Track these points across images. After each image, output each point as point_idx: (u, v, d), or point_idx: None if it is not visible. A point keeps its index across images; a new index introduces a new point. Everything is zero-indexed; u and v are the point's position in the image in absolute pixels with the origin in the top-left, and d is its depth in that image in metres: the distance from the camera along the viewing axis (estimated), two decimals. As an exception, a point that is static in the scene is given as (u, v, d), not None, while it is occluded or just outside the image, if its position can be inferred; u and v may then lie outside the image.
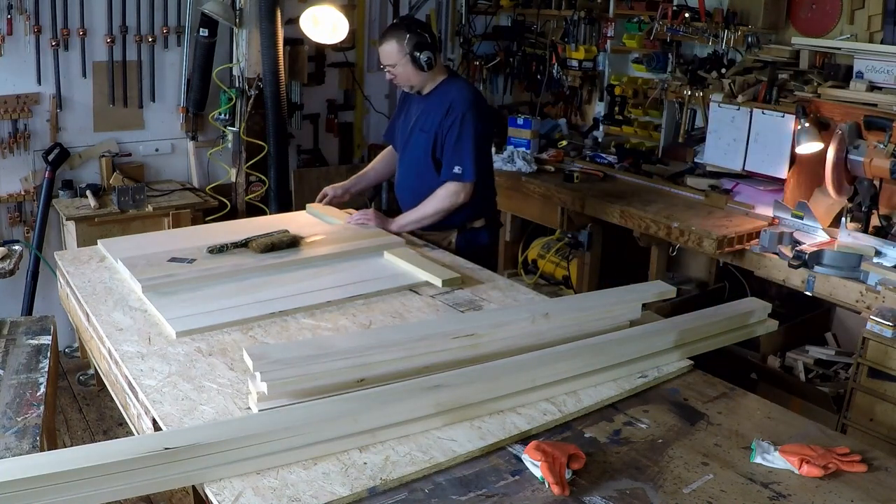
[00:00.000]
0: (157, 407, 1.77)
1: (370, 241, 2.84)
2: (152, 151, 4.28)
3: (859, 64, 3.27)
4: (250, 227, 2.93)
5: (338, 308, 2.35)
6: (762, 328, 2.28)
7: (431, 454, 1.62)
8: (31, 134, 3.87)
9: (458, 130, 2.87)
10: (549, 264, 4.49)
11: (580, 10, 4.71)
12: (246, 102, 4.16)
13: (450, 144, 2.89)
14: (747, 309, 2.25)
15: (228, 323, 2.20)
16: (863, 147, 3.17)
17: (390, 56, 2.87)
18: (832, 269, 3.01)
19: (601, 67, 4.76)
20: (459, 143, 2.88)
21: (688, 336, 2.08)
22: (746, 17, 3.80)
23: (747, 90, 3.62)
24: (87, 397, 3.76)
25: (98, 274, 2.60)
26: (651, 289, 2.29)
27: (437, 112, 2.91)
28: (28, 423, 1.79)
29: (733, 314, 2.22)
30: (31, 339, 2.22)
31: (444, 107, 2.90)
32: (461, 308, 2.37)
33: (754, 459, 1.64)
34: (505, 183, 4.45)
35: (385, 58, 2.89)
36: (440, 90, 2.95)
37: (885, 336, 2.74)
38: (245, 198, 4.31)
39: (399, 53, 2.85)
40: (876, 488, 1.56)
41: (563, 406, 1.83)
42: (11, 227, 3.94)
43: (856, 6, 3.52)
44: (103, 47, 3.96)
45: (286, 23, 4.26)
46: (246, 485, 1.50)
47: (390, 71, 2.91)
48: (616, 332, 2.08)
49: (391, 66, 2.89)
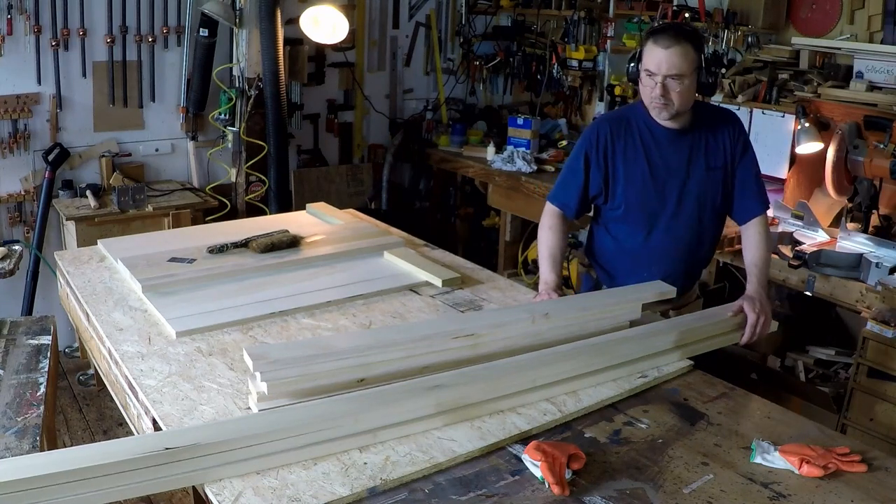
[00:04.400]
0: (157, 407, 1.77)
1: (370, 241, 2.84)
2: (152, 151, 4.27)
3: (859, 64, 3.27)
4: (250, 227, 2.93)
5: (338, 308, 2.35)
6: None
7: (431, 454, 1.62)
8: (31, 134, 3.87)
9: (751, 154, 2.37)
10: (549, 264, 4.48)
11: (580, 10, 4.71)
12: (246, 102, 4.16)
13: (750, 174, 2.36)
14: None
15: (228, 323, 2.20)
16: (863, 147, 3.17)
17: (684, 63, 2.15)
18: (832, 269, 3.01)
19: (601, 67, 4.76)
20: (755, 166, 2.38)
21: (688, 336, 2.08)
22: (746, 17, 3.79)
23: (747, 90, 3.62)
24: (87, 397, 3.76)
25: (98, 274, 2.60)
26: (651, 289, 2.27)
27: (719, 143, 2.34)
28: (28, 423, 1.79)
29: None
30: (31, 339, 2.21)
31: (725, 135, 2.34)
32: (461, 308, 2.37)
33: (754, 459, 1.64)
34: (505, 183, 4.47)
35: (676, 65, 2.15)
36: (704, 117, 2.35)
37: (885, 336, 2.74)
38: (245, 198, 4.31)
39: (695, 64, 2.19)
40: (876, 488, 1.56)
41: (563, 406, 1.83)
42: (11, 227, 3.94)
43: (856, 6, 3.52)
44: (103, 47, 3.96)
45: (286, 23, 4.26)
46: (246, 485, 1.50)
47: (673, 83, 2.17)
48: (616, 332, 2.08)
49: (679, 77, 2.16)
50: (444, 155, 4.95)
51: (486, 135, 5.03)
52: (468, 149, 4.87)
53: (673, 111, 2.23)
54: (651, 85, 2.20)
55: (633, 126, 2.34)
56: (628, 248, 2.40)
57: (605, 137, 2.35)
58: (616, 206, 2.40)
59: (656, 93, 2.19)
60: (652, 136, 2.32)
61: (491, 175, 4.56)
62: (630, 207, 2.38)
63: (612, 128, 2.36)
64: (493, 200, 4.70)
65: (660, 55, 2.16)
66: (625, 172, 2.35)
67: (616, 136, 2.35)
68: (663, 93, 2.18)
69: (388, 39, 5.16)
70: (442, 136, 5.08)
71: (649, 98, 2.24)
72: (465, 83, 5.47)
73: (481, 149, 4.76)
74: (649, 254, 2.39)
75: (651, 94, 2.21)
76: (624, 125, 2.35)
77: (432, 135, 5.15)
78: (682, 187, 2.33)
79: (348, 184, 4.94)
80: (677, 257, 2.40)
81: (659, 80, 2.17)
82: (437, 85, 5.42)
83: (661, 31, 2.21)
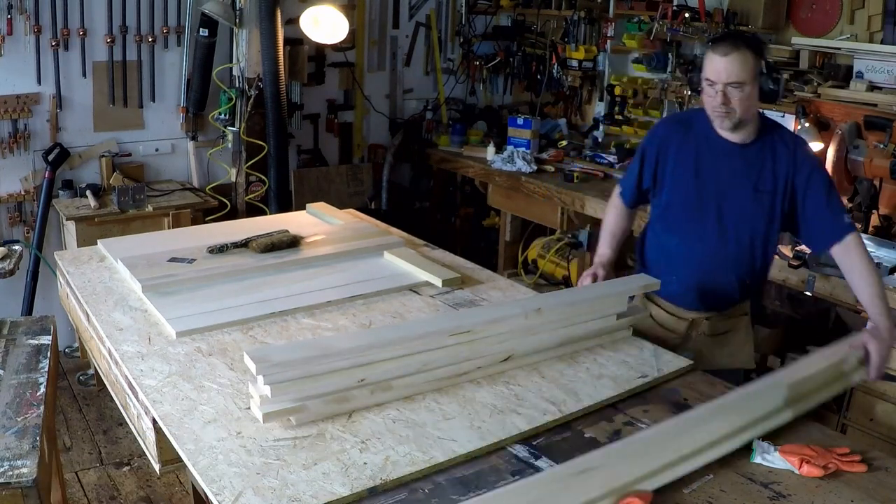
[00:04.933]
0: (157, 407, 1.77)
1: (370, 241, 2.84)
2: (152, 151, 4.28)
3: (859, 64, 3.28)
4: (250, 227, 2.93)
5: (338, 308, 2.35)
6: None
7: (431, 454, 1.62)
8: (31, 134, 3.87)
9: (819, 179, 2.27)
10: (549, 264, 4.49)
11: (580, 10, 4.72)
12: (246, 102, 4.16)
13: (822, 198, 2.25)
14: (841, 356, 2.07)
15: (228, 323, 2.20)
16: (863, 147, 3.17)
17: (744, 71, 2.13)
18: (832, 268, 3.00)
19: (601, 67, 4.76)
20: (827, 190, 2.27)
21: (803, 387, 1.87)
22: (746, 17, 3.80)
23: (747, 90, 3.62)
24: (87, 397, 3.77)
25: (98, 274, 2.60)
26: (636, 282, 2.29)
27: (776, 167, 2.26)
28: (28, 423, 1.79)
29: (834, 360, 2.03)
30: (31, 339, 2.21)
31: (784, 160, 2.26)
32: (461, 308, 2.37)
33: (754, 460, 1.64)
34: (505, 183, 4.47)
35: (735, 73, 2.13)
36: (768, 137, 2.28)
37: (885, 336, 2.74)
38: (245, 198, 4.31)
39: (755, 70, 2.16)
40: (876, 488, 1.56)
41: (563, 406, 1.83)
42: (11, 227, 3.94)
43: (856, 6, 3.52)
44: (103, 47, 3.96)
45: (286, 23, 4.26)
46: (246, 485, 1.50)
47: (733, 91, 2.14)
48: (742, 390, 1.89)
49: (739, 85, 2.13)
50: (444, 155, 4.95)
51: (486, 135, 5.03)
52: (468, 149, 4.87)
53: (735, 119, 2.20)
54: (712, 94, 2.19)
55: (693, 130, 2.34)
56: (664, 248, 2.43)
57: (663, 135, 2.41)
58: (659, 204, 2.44)
59: (717, 101, 2.17)
60: (708, 145, 2.31)
61: (491, 175, 4.56)
62: (670, 208, 2.40)
63: (672, 127, 2.43)
64: (493, 200, 4.70)
65: (719, 63, 2.14)
66: (672, 172, 2.36)
67: (675, 136, 2.37)
68: (724, 101, 2.16)
69: (388, 39, 5.16)
70: (442, 136, 5.08)
71: (711, 107, 2.22)
72: (465, 83, 5.47)
73: (481, 149, 4.76)
74: (678, 258, 2.38)
75: (713, 103, 2.20)
76: (685, 127, 2.37)
77: (432, 135, 5.15)
78: (723, 201, 2.30)
79: (348, 184, 4.94)
80: (708, 269, 2.36)
81: (719, 88, 2.15)
82: (437, 85, 5.42)
83: (721, 40, 2.20)
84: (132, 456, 3.29)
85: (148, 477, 3.15)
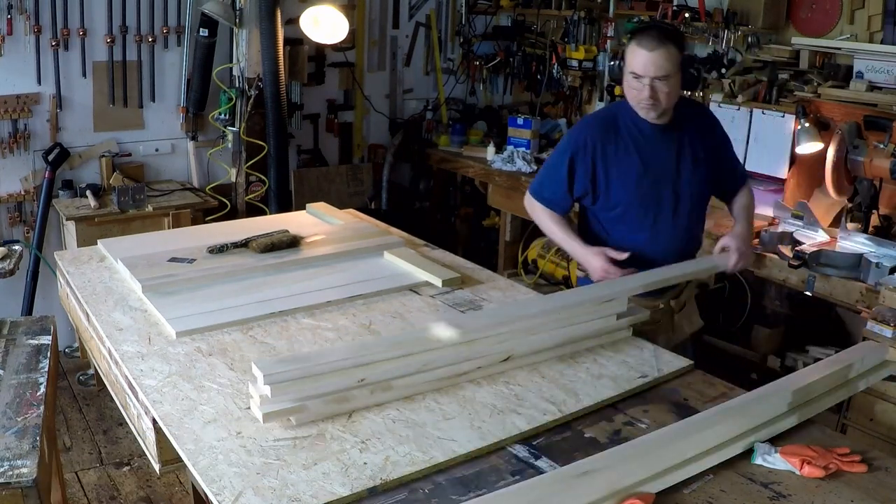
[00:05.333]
0: (157, 407, 1.77)
1: (370, 241, 2.84)
2: (152, 151, 4.27)
3: (859, 64, 3.27)
4: (250, 227, 2.93)
5: (338, 308, 2.35)
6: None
7: (431, 454, 1.62)
8: (31, 134, 3.87)
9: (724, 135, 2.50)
10: (549, 264, 4.49)
11: (580, 10, 4.71)
12: (246, 102, 4.16)
13: (728, 155, 2.51)
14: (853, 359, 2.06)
15: (228, 323, 2.20)
16: (863, 147, 3.17)
17: (669, 64, 2.19)
18: (832, 269, 3.01)
19: (601, 67, 4.75)
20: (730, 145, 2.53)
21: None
22: (746, 17, 3.79)
23: (747, 90, 3.62)
24: (87, 397, 3.76)
25: (98, 274, 2.60)
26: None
27: (700, 135, 2.41)
28: (28, 423, 1.79)
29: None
30: (31, 339, 2.21)
31: (702, 126, 2.43)
32: (461, 308, 2.37)
33: (755, 461, 1.63)
34: (505, 183, 4.47)
35: (661, 67, 2.19)
36: (683, 111, 2.39)
37: (884, 336, 2.74)
38: (245, 198, 4.31)
39: (678, 63, 2.23)
40: (876, 488, 1.56)
41: (563, 406, 1.83)
42: (11, 227, 3.94)
43: (856, 6, 3.51)
44: (103, 47, 3.96)
45: (286, 23, 4.26)
46: (246, 485, 1.50)
47: (660, 84, 2.21)
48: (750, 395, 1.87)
49: (665, 78, 2.20)
50: (444, 155, 4.95)
51: (486, 135, 5.03)
52: (468, 149, 4.87)
53: (660, 110, 2.27)
54: (638, 87, 2.23)
55: (621, 126, 2.35)
56: (631, 247, 2.37)
57: (593, 140, 2.36)
58: (611, 207, 2.41)
59: (644, 94, 2.22)
60: (641, 134, 2.34)
61: (491, 175, 4.56)
62: (628, 207, 2.38)
63: (598, 131, 2.37)
64: (493, 200, 4.70)
65: (645, 58, 2.19)
66: (618, 174, 2.35)
67: (606, 138, 2.36)
68: (651, 94, 2.21)
69: (388, 39, 5.16)
70: (442, 136, 5.08)
71: (637, 100, 2.27)
72: (465, 83, 5.47)
73: (481, 149, 4.76)
74: (654, 251, 2.38)
75: (639, 96, 2.24)
76: (612, 126, 2.37)
77: (432, 135, 5.15)
78: (676, 181, 2.36)
79: (348, 184, 4.94)
80: (680, 252, 2.42)
81: (646, 82, 2.20)
82: (437, 85, 5.42)
83: (643, 34, 2.24)
84: (132, 456, 3.29)
85: (148, 477, 3.15)
